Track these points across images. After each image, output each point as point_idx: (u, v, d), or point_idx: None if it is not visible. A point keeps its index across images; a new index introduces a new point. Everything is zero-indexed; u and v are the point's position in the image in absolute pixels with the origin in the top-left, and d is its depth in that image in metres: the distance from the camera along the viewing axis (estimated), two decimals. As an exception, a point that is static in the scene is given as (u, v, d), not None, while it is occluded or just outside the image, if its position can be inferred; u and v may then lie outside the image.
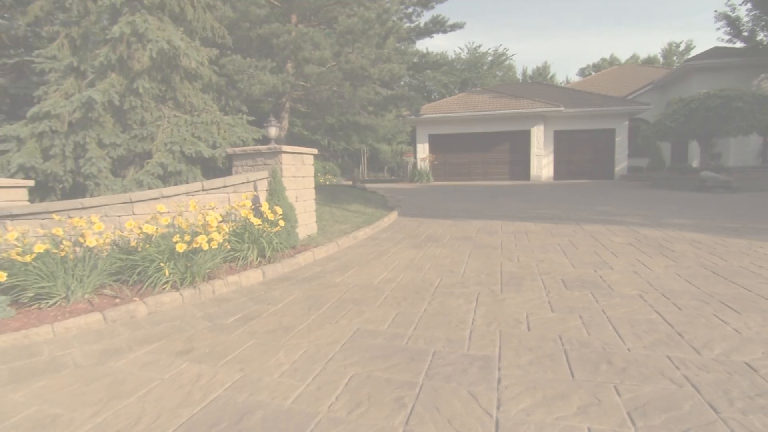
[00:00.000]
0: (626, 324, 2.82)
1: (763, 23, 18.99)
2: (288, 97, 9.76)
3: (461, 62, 42.89)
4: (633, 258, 4.62)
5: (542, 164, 19.31)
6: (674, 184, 14.80)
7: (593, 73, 42.08)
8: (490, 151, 19.92)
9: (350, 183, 20.70)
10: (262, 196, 5.37)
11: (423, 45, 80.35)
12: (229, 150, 5.74)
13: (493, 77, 42.37)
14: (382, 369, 2.35)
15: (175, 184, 5.74)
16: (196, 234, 3.92)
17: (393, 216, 8.03)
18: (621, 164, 19.44)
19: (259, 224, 4.61)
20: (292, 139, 25.63)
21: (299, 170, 5.88)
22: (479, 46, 43.18)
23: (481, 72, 42.09)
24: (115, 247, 4.00)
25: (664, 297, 3.34)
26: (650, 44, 76.19)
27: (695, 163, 18.71)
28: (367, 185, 16.81)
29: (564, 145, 19.70)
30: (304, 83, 9.51)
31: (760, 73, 19.50)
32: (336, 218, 7.68)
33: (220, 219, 4.21)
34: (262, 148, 5.60)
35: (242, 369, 2.42)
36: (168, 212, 4.61)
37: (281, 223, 4.79)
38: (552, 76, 49.09)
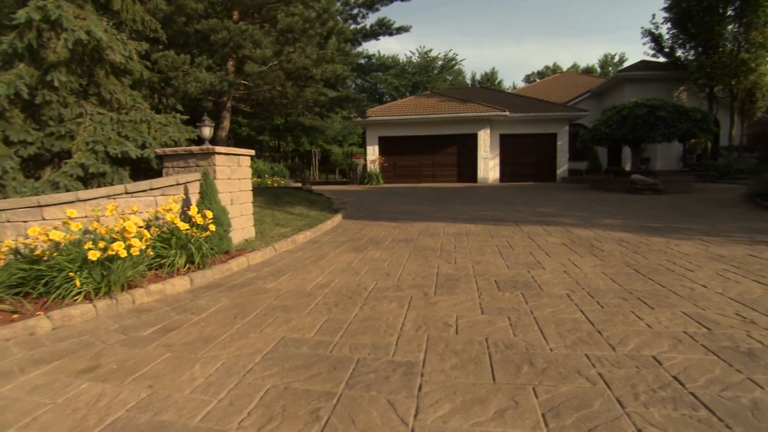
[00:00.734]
0: (551, 324, 2.88)
1: (680, 41, 20.63)
2: (229, 96, 9.40)
3: (412, 66, 43.47)
4: (565, 258, 4.78)
5: (489, 167, 19.88)
6: (609, 186, 15.67)
7: (537, 80, 44.00)
8: (438, 153, 20.26)
9: (299, 185, 20.34)
10: (194, 199, 5.09)
11: (375, 48, 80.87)
12: (159, 150, 5.41)
13: (444, 81, 43.22)
14: (302, 380, 2.25)
15: (99, 187, 5.32)
16: (113, 240, 3.63)
17: (337, 219, 7.91)
18: (562, 167, 20.38)
19: (187, 229, 4.35)
20: (238, 139, 24.86)
21: (234, 172, 5.64)
22: (430, 51, 43.98)
23: (431, 76, 42.86)
24: (17, 257, 3.62)
25: (590, 296, 3.46)
26: (589, 55, 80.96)
27: (628, 167, 19.96)
28: (317, 187, 16.55)
29: (509, 148, 20.38)
30: (246, 82, 9.19)
31: (679, 86, 21.13)
32: (277, 221, 7.46)
33: (142, 224, 3.93)
34: (194, 148, 5.32)
35: (151, 386, 2.24)
36: (84, 217, 4.25)
37: (212, 227, 4.55)
38: (500, 82, 50.84)
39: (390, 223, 7.59)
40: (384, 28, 11.15)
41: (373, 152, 20.35)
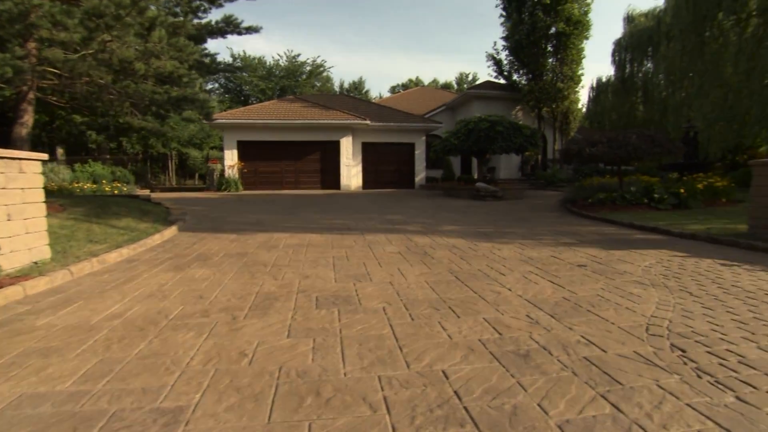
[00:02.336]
0: (356, 344, 2.77)
1: (516, 67, 23.71)
2: (32, 85, 7.76)
3: (280, 69, 42.39)
4: (395, 268, 4.85)
5: (351, 174, 20.16)
6: (459, 193, 17.07)
7: (402, 91, 46.50)
8: (301, 160, 19.91)
9: (146, 191, 18.21)
10: (-52, 214, 3.97)
11: (240, 47, 77.17)
12: None
13: (312, 87, 43.04)
14: (21, 454, 1.74)
15: None
16: None
17: (169, 232, 7.06)
18: (420, 175, 21.66)
19: None
20: (66, 139, 21.24)
21: (13, 180, 4.57)
22: (298, 55, 43.41)
23: (299, 81, 42.31)
24: None
25: (405, 308, 3.48)
26: (448, 71, 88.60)
27: (477, 175, 22.09)
28: (163, 195, 14.89)
29: (372, 156, 20.98)
30: (55, 70, 7.69)
31: (516, 105, 24.19)
32: (93, 237, 6.36)
33: None
34: (-51, 148, 4.16)
35: None
36: None
37: (-35, 250, 3.57)
38: (367, 91, 52.53)
39: (230, 236, 7.02)
40: (231, 26, 10.42)
41: (231, 157, 19.12)
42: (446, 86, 55.34)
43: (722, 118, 13.75)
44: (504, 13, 23.47)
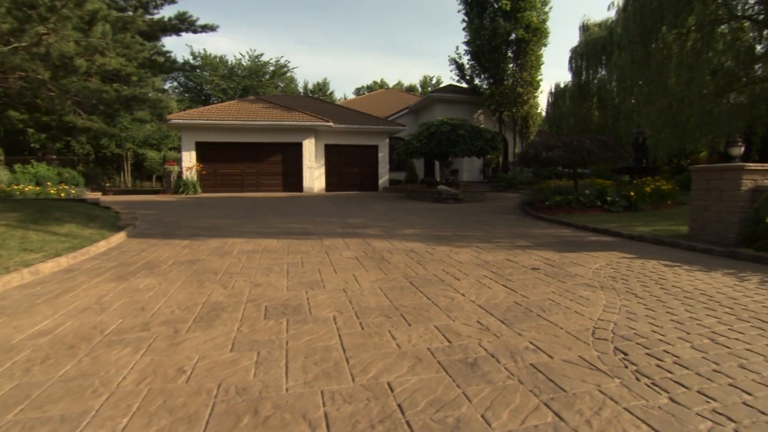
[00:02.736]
0: (301, 356, 2.68)
1: (477, 71, 24.14)
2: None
3: (242, 69, 41.50)
4: (350, 274, 4.78)
5: (314, 176, 19.94)
6: (421, 195, 17.17)
7: (366, 93, 46.46)
8: (263, 162, 19.50)
9: (98, 195, 17.36)
10: None
11: (200, 45, 75.06)
12: None
13: (275, 87, 42.36)
14: None
15: None
16: None
17: (116, 238, 6.71)
18: (384, 177, 21.68)
19: None
20: (4, 138, 19.90)
21: (-66, 184, 4.20)
22: (261, 55, 42.63)
23: (262, 81, 41.55)
24: None
25: (356, 316, 3.41)
26: (413, 74, 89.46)
27: (440, 178, 22.32)
28: (115, 198, 14.17)
29: (334, 158, 20.82)
30: (-15, 65, 7.13)
31: (478, 109, 24.64)
32: (28, 245, 5.94)
33: None
34: None
35: None
36: None
37: None
38: (331, 93, 52.21)
39: (182, 242, 6.74)
40: (186, 24, 10.07)
41: (189, 158, 18.47)
42: (411, 89, 55.81)
43: (667, 125, 14.50)
44: (466, 19, 23.86)
